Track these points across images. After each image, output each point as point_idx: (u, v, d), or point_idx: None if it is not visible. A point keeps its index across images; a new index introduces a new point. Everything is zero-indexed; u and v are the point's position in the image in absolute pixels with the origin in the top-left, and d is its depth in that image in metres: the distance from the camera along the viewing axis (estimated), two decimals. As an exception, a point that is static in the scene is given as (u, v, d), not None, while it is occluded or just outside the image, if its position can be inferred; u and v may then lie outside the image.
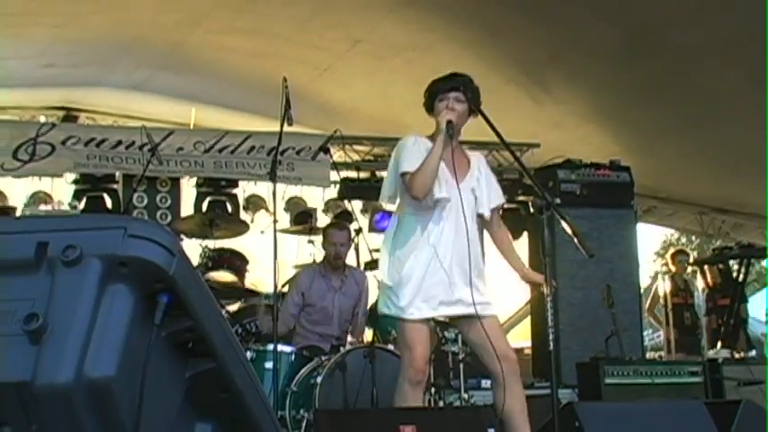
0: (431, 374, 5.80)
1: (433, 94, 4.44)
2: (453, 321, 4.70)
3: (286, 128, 5.41)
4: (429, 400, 5.81)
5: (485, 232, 4.57)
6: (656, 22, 6.86)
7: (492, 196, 4.47)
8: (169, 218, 8.14)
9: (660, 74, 7.63)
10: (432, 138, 4.37)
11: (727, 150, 9.02)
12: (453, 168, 4.33)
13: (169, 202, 8.27)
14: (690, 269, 9.72)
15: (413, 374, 4.23)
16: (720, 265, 9.11)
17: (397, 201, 4.50)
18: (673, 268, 9.68)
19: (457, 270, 4.26)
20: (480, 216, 4.43)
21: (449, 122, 4.25)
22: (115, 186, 8.21)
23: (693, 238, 20.32)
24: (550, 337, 4.12)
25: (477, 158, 4.56)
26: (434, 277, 4.24)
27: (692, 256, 11.11)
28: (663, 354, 9.17)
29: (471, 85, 4.41)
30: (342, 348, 5.72)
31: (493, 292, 4.46)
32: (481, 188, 4.43)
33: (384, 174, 9.18)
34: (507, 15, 7.11)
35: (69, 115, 9.11)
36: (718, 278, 9.23)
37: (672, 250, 10.88)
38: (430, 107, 4.47)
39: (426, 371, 4.37)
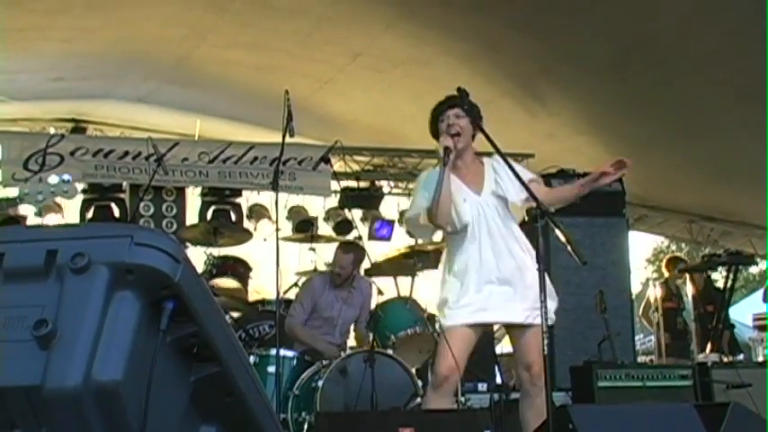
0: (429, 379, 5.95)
1: (435, 118, 4.46)
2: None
3: (288, 139, 5.42)
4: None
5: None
6: (646, 36, 6.95)
7: (516, 187, 4.33)
8: (175, 226, 8.24)
9: (650, 87, 7.71)
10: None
11: (715, 160, 9.09)
12: (469, 184, 4.39)
13: (175, 210, 8.38)
14: (681, 276, 9.82)
15: (433, 381, 4.34)
16: (709, 272, 9.22)
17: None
18: (666, 273, 9.78)
19: (501, 278, 4.30)
20: (514, 207, 4.43)
21: (446, 149, 4.26)
22: (122, 196, 8.31)
23: (683, 245, 20.33)
24: (545, 341, 4.19)
25: (489, 164, 4.49)
26: (479, 289, 4.28)
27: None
28: (653, 357, 9.27)
29: (468, 101, 4.35)
30: (342, 353, 5.80)
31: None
32: (504, 186, 4.41)
33: (384, 183, 9.40)
34: (502, 30, 7.21)
35: (78, 127, 9.21)
36: (705, 285, 9.34)
37: (667, 257, 10.97)
38: (435, 133, 4.47)
39: (450, 379, 4.31)
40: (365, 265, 7.79)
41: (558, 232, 3.96)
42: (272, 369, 5.63)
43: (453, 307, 4.29)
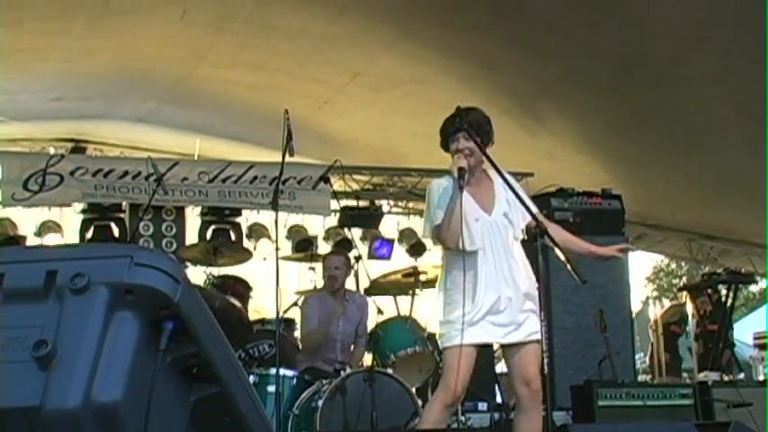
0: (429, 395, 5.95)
1: (446, 134, 4.44)
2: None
3: (288, 158, 5.42)
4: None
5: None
6: (645, 55, 6.98)
7: (520, 216, 4.40)
8: (174, 246, 8.23)
9: (648, 105, 7.75)
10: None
11: (715, 179, 9.11)
12: (480, 203, 4.38)
13: (174, 230, 8.36)
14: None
15: (448, 396, 4.30)
16: (709, 291, 9.22)
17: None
18: (686, 300, 9.71)
19: (503, 299, 4.30)
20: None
21: (460, 170, 4.23)
22: (122, 215, 8.30)
23: (683, 264, 20.35)
24: (545, 360, 4.19)
25: (500, 184, 4.42)
26: (481, 308, 4.28)
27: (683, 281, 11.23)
28: (647, 377, 9.27)
29: (476, 123, 4.39)
30: (342, 372, 5.77)
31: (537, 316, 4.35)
32: (512, 209, 4.40)
33: (383, 202, 9.41)
34: (501, 50, 7.25)
35: (78, 147, 9.23)
36: (708, 305, 9.34)
37: (689, 283, 10.91)
38: (446, 146, 4.46)
39: (460, 397, 4.38)
40: (364, 283, 7.82)
41: (557, 251, 3.97)
42: (271, 389, 5.61)
43: (457, 326, 4.27)
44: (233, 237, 8.54)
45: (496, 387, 7.04)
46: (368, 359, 6.71)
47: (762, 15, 5.87)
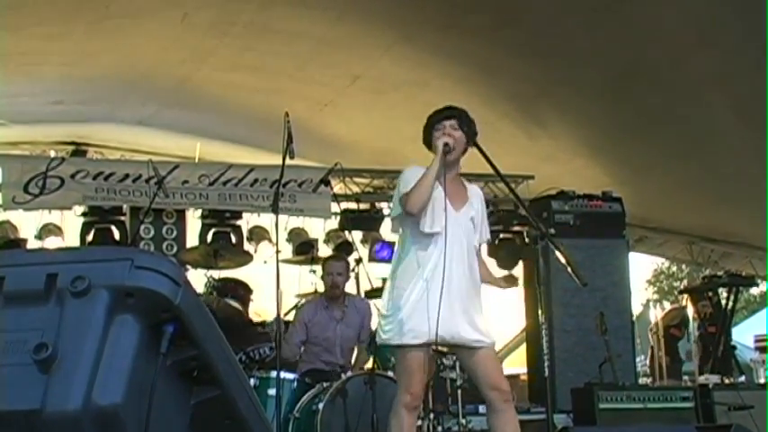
0: (430, 400, 5.95)
1: (430, 127, 4.42)
2: (452, 349, 4.75)
3: (288, 161, 5.40)
4: (428, 426, 5.94)
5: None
6: (645, 59, 6.99)
7: (483, 230, 4.45)
8: (175, 249, 8.20)
9: (649, 109, 7.75)
10: None
11: (715, 182, 9.11)
12: (450, 198, 4.30)
13: (175, 233, 8.33)
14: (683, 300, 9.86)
15: (409, 400, 4.24)
16: (710, 293, 9.23)
17: (400, 231, 4.49)
18: (686, 303, 9.72)
19: (454, 301, 4.22)
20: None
21: (445, 144, 4.25)
22: (123, 218, 8.27)
23: (683, 266, 20.34)
24: (546, 363, 4.21)
25: (475, 192, 4.50)
26: (430, 307, 4.18)
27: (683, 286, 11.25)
28: (648, 379, 9.28)
29: (466, 117, 4.39)
30: (343, 375, 5.79)
31: (489, 321, 4.39)
32: (477, 219, 4.41)
33: (384, 205, 9.42)
34: (501, 53, 7.27)
35: (78, 150, 9.25)
36: (708, 307, 9.35)
37: (690, 286, 10.90)
38: (428, 141, 4.43)
39: (422, 397, 4.39)
40: (366, 287, 7.83)
41: (558, 254, 3.99)
42: (272, 392, 5.62)
43: (406, 325, 4.21)
44: (233, 239, 8.50)
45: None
46: (368, 362, 6.73)
47: (761, 20, 5.88)
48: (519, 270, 8.98)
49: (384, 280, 7.27)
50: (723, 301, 9.00)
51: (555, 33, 6.80)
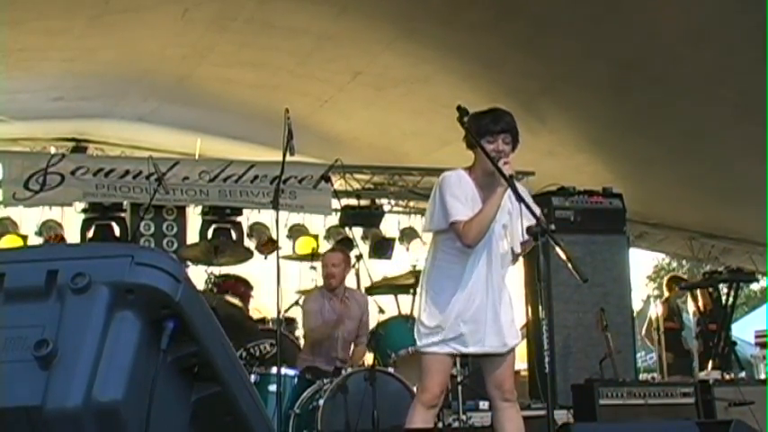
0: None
1: (480, 132, 4.22)
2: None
3: (288, 157, 5.46)
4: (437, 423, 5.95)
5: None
6: (646, 55, 6.98)
7: (519, 229, 4.31)
8: (175, 245, 8.23)
9: (650, 105, 7.75)
10: (470, 171, 4.35)
11: (716, 178, 9.12)
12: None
13: (175, 229, 8.35)
14: (683, 295, 9.84)
15: (428, 399, 4.32)
16: (710, 289, 9.22)
17: (435, 240, 4.46)
18: (666, 293, 9.80)
19: (486, 313, 4.29)
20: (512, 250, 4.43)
21: (511, 177, 4.06)
22: (123, 215, 8.29)
23: (684, 262, 20.34)
24: (546, 359, 4.22)
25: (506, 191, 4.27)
26: (465, 317, 4.27)
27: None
28: (656, 375, 9.27)
29: (515, 130, 4.30)
30: (343, 371, 5.81)
31: (516, 323, 4.49)
32: (512, 221, 4.33)
33: (384, 202, 9.41)
34: (502, 49, 7.26)
35: (79, 146, 9.24)
36: (709, 302, 9.34)
37: (667, 276, 10.97)
38: (472, 143, 4.28)
39: (441, 397, 4.42)
40: (365, 282, 7.83)
41: (558, 250, 3.98)
42: (272, 388, 5.64)
43: (436, 333, 4.30)
44: (234, 236, 8.53)
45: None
46: (369, 358, 6.74)
47: (762, 16, 5.88)
48: (519, 267, 9.00)
49: (384, 278, 7.35)
50: (723, 297, 8.98)
51: (556, 29, 6.80)
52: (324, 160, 8.65)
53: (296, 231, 8.76)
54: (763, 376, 8.79)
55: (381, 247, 9.18)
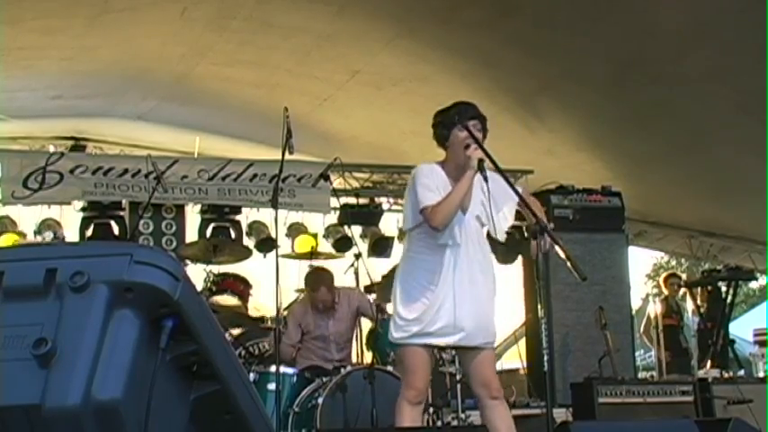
0: (429, 395, 5.96)
1: (449, 123, 4.30)
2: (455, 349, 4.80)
3: (287, 156, 5.43)
4: (427, 420, 5.94)
5: None
6: (645, 53, 6.99)
7: (502, 217, 4.38)
8: (174, 244, 8.20)
9: (649, 103, 7.75)
10: (443, 165, 4.37)
11: (715, 176, 9.13)
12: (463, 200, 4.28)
13: (174, 228, 8.32)
14: (681, 291, 9.85)
15: (413, 396, 4.31)
16: (709, 288, 9.24)
17: (411, 234, 4.46)
18: (665, 291, 9.81)
19: (463, 305, 4.27)
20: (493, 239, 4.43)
21: (481, 161, 4.12)
22: (122, 213, 8.26)
23: (683, 260, 20.36)
24: (545, 357, 4.21)
25: (478, 179, 4.28)
26: (441, 311, 4.25)
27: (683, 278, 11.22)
28: (654, 374, 9.28)
29: (483, 117, 4.34)
30: (342, 370, 5.83)
31: (496, 322, 4.46)
32: (487, 212, 4.33)
33: (383, 200, 9.40)
34: (500, 47, 7.26)
35: (77, 145, 9.21)
36: (707, 300, 9.36)
37: (664, 274, 10.99)
38: (443, 136, 4.35)
39: (426, 392, 4.46)
40: (365, 281, 7.83)
41: (557, 248, 3.98)
42: (271, 386, 5.64)
43: (413, 325, 4.28)
44: (233, 234, 8.51)
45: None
46: (368, 357, 6.75)
47: (762, 14, 5.88)
48: (518, 265, 9.01)
49: (384, 277, 7.34)
50: (722, 296, 8.99)
51: (555, 27, 6.81)
52: (323, 159, 8.62)
53: (295, 230, 8.75)
54: (761, 374, 8.80)
55: (380, 246, 9.16)
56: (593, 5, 6.51)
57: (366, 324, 7.02)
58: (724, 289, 9.01)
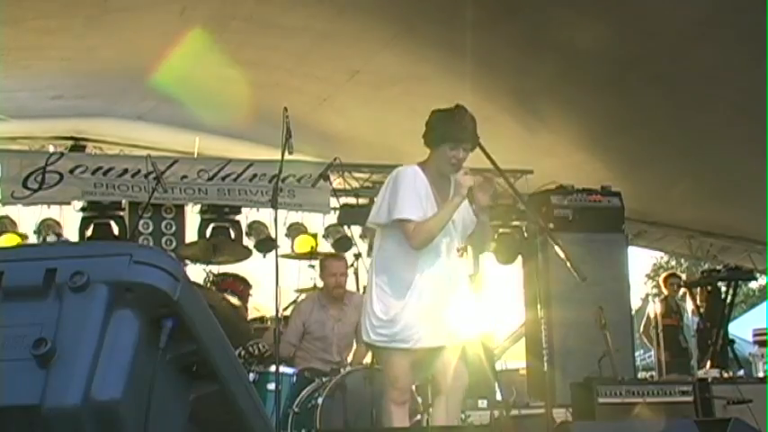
0: (429, 395, 5.96)
1: (444, 136, 4.35)
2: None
3: (287, 156, 5.44)
4: (426, 420, 5.95)
5: None
6: (644, 53, 6.99)
7: (465, 224, 4.44)
8: (174, 244, 8.21)
9: (648, 103, 7.75)
10: (423, 166, 4.41)
11: (714, 176, 9.13)
12: (439, 204, 4.34)
13: (174, 228, 8.33)
14: (680, 291, 9.86)
15: (397, 396, 4.35)
16: (709, 287, 9.24)
17: (384, 232, 4.47)
18: (665, 291, 9.81)
19: (437, 309, 4.30)
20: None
21: (471, 189, 4.22)
22: (121, 213, 8.28)
23: (683, 260, 20.37)
24: (545, 358, 4.23)
25: (453, 181, 4.38)
26: (420, 313, 4.27)
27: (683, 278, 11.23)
28: (654, 374, 9.29)
29: (476, 133, 4.37)
30: (342, 370, 5.83)
31: (473, 321, 4.57)
32: (458, 216, 4.37)
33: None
34: (501, 47, 7.25)
35: (77, 145, 9.23)
36: (706, 300, 9.36)
37: (664, 274, 11.00)
38: (434, 142, 4.40)
39: (409, 390, 4.50)
40: (365, 281, 7.83)
41: (557, 248, 3.99)
42: (271, 386, 5.64)
43: (388, 327, 4.29)
44: (232, 235, 8.52)
45: (496, 385, 7.06)
46: (368, 357, 6.74)
47: (762, 14, 5.88)
48: (518, 265, 9.00)
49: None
50: (722, 296, 9.00)
51: (555, 27, 6.81)
52: (322, 159, 8.65)
53: (295, 230, 8.74)
54: (761, 374, 8.83)
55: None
56: (592, 5, 6.50)
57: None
58: (724, 289, 9.02)
